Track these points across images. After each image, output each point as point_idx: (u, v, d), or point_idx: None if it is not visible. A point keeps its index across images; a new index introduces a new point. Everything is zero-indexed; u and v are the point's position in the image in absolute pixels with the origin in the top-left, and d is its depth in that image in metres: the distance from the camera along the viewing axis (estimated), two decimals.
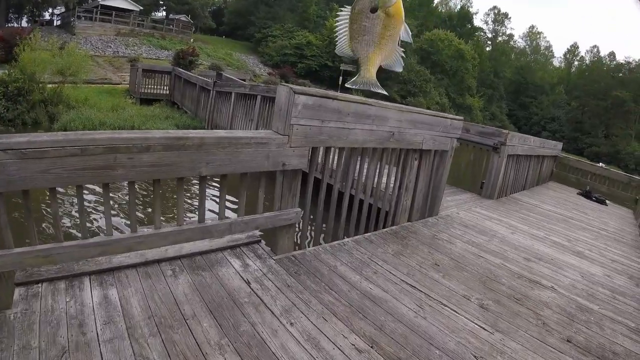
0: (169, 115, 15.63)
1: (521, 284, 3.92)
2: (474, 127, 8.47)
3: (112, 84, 23.79)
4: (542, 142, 11.04)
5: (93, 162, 2.35)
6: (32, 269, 2.55)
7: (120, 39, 37.74)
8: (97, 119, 13.44)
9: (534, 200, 8.98)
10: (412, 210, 5.05)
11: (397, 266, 3.72)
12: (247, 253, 3.40)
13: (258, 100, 9.45)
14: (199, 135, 2.81)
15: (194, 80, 15.47)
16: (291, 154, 3.25)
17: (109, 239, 2.62)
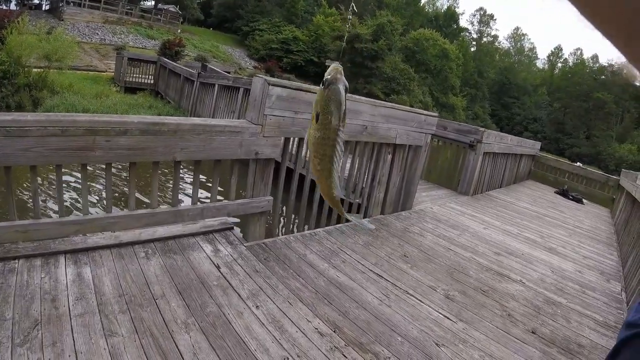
0: (152, 104, 15.55)
1: (489, 276, 4.05)
2: (451, 124, 8.62)
3: (97, 71, 23.55)
4: (519, 141, 11.23)
5: (73, 143, 2.46)
6: (10, 246, 2.62)
7: (107, 26, 37.31)
8: (80, 106, 13.33)
9: (510, 197, 9.17)
10: (384, 204, 5.16)
11: (365, 256, 3.83)
12: (219, 239, 3.48)
13: (241, 93, 9.50)
14: (174, 122, 2.91)
15: (179, 70, 15.42)
16: (264, 143, 3.34)
17: (84, 218, 2.75)
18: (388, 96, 43.79)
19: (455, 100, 57.35)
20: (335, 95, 0.67)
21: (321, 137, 0.67)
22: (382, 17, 45.00)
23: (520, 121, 69.90)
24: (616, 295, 4.41)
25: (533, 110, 70.18)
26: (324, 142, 0.68)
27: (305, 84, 3.77)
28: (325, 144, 0.69)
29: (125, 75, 18.50)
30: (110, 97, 15.75)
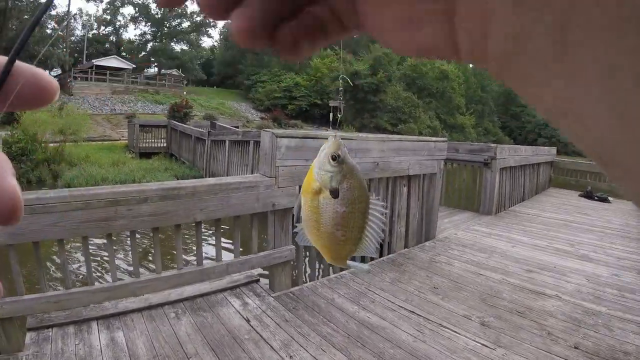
0: (167, 166, 15.90)
1: (523, 296, 3.94)
2: (462, 145, 8.58)
3: (111, 141, 24.29)
4: (534, 150, 11.08)
5: (96, 215, 2.59)
6: (43, 315, 2.73)
7: (116, 96, 38.73)
8: (99, 175, 13.73)
9: (534, 209, 8.99)
10: (407, 237, 5.13)
11: (395, 293, 3.79)
12: (246, 292, 3.50)
13: (251, 145, 9.66)
14: (191, 185, 3.03)
15: (189, 131, 15.80)
16: (280, 194, 3.40)
17: (114, 284, 2.83)
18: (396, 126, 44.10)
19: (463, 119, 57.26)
20: (356, 169, 0.67)
21: (348, 212, 0.67)
22: (377, 50, 45.81)
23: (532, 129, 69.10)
24: None
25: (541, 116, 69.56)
26: (351, 215, 0.68)
27: (312, 130, 3.86)
28: (353, 217, 0.68)
29: (139, 141, 19.04)
30: (126, 164, 16.18)
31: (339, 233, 0.67)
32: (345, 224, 0.66)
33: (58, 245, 2.66)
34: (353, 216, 0.66)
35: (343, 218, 0.66)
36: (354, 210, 0.65)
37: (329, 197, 0.64)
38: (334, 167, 0.63)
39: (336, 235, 0.67)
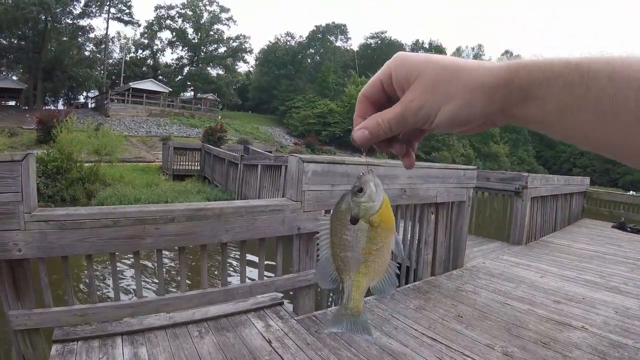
0: (200, 189, 16.19)
1: (549, 327, 3.85)
2: (494, 174, 8.49)
3: (145, 162, 25.03)
4: (566, 180, 10.85)
5: (124, 233, 2.71)
6: (69, 328, 2.82)
7: (152, 119, 40.02)
8: (132, 195, 14.13)
9: (566, 240, 8.75)
10: (434, 264, 5.09)
11: (418, 320, 3.76)
12: (270, 314, 3.54)
13: (283, 170, 9.74)
14: (218, 206, 3.12)
15: (223, 155, 16.09)
16: (305, 218, 3.46)
17: (138, 301, 2.95)
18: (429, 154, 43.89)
19: (497, 148, 56.63)
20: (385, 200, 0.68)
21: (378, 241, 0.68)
22: None
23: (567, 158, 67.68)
24: None
25: None
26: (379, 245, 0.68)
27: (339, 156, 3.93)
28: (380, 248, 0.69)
29: (173, 163, 19.49)
30: (159, 185, 16.59)
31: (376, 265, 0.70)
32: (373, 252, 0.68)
33: (86, 260, 2.77)
34: (380, 247, 0.68)
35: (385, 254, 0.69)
36: (380, 241, 0.67)
37: (365, 226, 0.67)
38: (360, 199, 0.65)
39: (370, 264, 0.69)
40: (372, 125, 0.56)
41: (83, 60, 46.13)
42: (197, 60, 60.19)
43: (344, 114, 50.53)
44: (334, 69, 61.05)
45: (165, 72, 60.20)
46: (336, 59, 66.88)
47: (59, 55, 42.72)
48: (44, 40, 41.45)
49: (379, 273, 0.69)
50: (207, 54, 60.85)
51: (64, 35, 44.43)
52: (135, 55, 60.83)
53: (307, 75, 63.27)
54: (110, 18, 52.01)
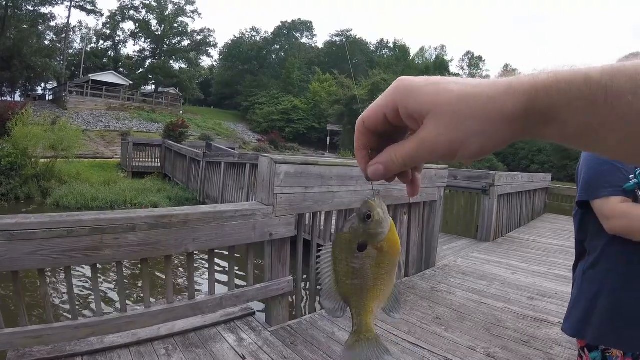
0: (160, 188, 15.68)
1: (527, 324, 3.86)
2: (461, 172, 8.57)
3: (104, 158, 24.17)
4: (530, 177, 11.15)
5: (80, 244, 2.41)
6: (25, 350, 2.54)
7: (111, 113, 38.78)
8: (89, 194, 13.48)
9: (531, 235, 8.93)
10: (407, 265, 5.01)
11: (397, 325, 3.64)
12: (242, 326, 3.34)
13: (247, 169, 9.50)
14: (183, 212, 2.86)
15: (184, 152, 15.64)
16: (277, 223, 3.26)
17: (99, 319, 2.63)
18: None
19: None
20: (390, 226, 0.65)
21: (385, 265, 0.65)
22: (375, 76, 46.13)
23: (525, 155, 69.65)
24: None
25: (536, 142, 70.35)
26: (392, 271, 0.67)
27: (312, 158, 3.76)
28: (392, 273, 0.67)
29: (132, 160, 18.84)
30: (118, 183, 15.97)
31: (382, 287, 0.68)
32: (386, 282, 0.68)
33: (39, 275, 2.47)
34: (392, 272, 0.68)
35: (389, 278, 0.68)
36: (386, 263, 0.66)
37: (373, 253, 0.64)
38: (368, 225, 0.62)
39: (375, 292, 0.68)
40: (387, 160, 0.51)
41: (42, 50, 43.99)
42: (159, 53, 58.61)
43: (308, 110, 50.53)
44: (298, 66, 60.92)
45: (126, 64, 58.37)
46: (301, 55, 66.71)
47: (18, 44, 40.41)
48: (4, 28, 39.34)
49: (387, 295, 0.68)
50: (170, 46, 59.34)
51: (24, 23, 42.35)
52: (96, 46, 59.00)
53: (271, 71, 62.73)
54: (73, 6, 50.22)
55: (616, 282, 1.57)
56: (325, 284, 0.67)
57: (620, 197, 1.55)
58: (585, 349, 1.70)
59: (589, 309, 1.64)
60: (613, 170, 1.60)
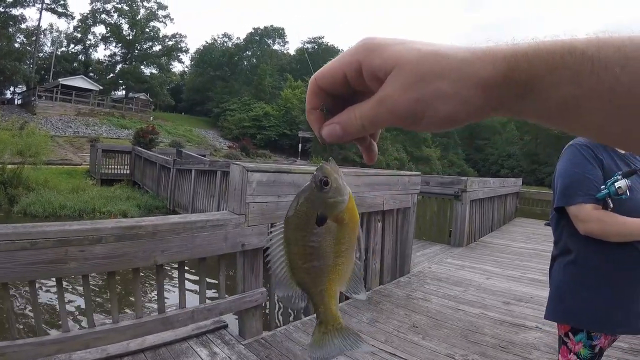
0: (130, 195, 15.39)
1: (505, 330, 3.86)
2: (433, 178, 8.66)
3: (72, 165, 23.56)
4: (501, 182, 11.30)
5: (44, 256, 2.28)
6: None
7: (80, 118, 37.89)
8: (57, 202, 13.19)
9: (504, 240, 9.04)
10: (382, 273, 4.98)
11: (373, 335, 3.60)
12: (214, 340, 3.23)
13: (218, 176, 9.35)
14: (151, 223, 2.75)
15: (154, 159, 15.34)
16: (249, 232, 3.18)
17: (65, 335, 2.50)
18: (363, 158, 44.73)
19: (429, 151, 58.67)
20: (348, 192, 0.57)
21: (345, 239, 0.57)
22: None
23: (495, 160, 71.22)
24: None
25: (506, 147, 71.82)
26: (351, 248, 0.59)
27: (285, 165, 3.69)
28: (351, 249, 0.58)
29: (101, 167, 18.44)
30: (87, 191, 15.62)
31: (341, 267, 0.60)
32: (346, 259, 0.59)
33: (1, 289, 2.32)
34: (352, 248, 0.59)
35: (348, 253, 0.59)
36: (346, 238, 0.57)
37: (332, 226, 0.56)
38: (327, 194, 0.54)
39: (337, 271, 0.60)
40: (344, 120, 0.46)
41: (12, 52, 42.67)
42: (130, 57, 57.51)
43: (280, 117, 50.43)
44: (270, 72, 60.73)
45: (96, 69, 57.04)
46: (273, 62, 66.55)
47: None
48: None
49: (348, 275, 0.60)
50: (141, 51, 58.30)
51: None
52: (66, 50, 57.39)
53: (243, 78, 62.25)
54: (44, 8, 48.87)
55: (595, 276, 1.82)
56: (279, 272, 0.58)
57: (592, 204, 1.77)
58: (570, 333, 1.92)
59: (573, 298, 1.88)
60: (585, 180, 1.82)
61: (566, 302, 1.92)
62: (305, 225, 0.55)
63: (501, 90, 0.39)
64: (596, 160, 1.86)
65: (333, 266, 0.57)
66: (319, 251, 0.55)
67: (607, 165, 1.84)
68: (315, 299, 0.59)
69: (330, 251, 0.56)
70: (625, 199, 1.73)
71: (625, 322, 1.79)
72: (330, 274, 0.57)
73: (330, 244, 0.56)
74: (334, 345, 0.59)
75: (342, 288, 0.60)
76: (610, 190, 1.74)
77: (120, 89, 58.00)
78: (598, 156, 1.86)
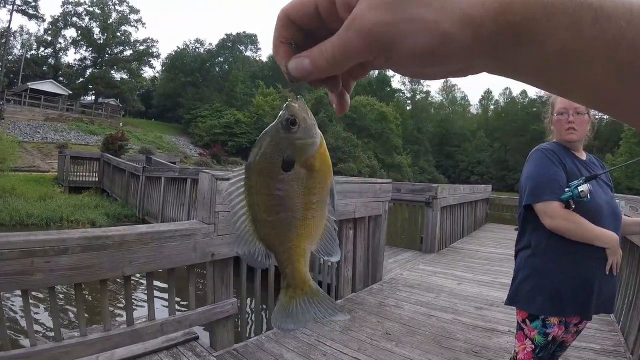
0: (98, 203, 15.07)
1: (477, 335, 3.90)
2: (404, 185, 8.77)
3: (40, 172, 22.99)
4: (471, 188, 11.49)
5: (8, 267, 2.21)
6: None
7: (49, 123, 37.08)
8: (24, 210, 12.88)
9: (474, 245, 9.18)
10: (354, 280, 4.98)
11: (346, 343, 3.59)
12: (185, 352, 3.16)
13: (188, 184, 9.21)
14: (119, 233, 2.69)
15: (123, 166, 15.05)
16: (219, 242, 3.13)
17: (32, 350, 2.41)
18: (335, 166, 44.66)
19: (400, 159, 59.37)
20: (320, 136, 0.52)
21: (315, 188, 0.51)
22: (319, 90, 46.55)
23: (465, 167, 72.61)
24: (605, 318, 4.35)
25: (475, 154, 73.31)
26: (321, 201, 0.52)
27: None
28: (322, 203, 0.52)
29: (69, 174, 18.03)
30: (54, 198, 15.28)
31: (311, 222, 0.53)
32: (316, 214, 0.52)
33: None
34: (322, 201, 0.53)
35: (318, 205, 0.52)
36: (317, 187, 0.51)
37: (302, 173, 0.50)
38: (295, 134, 0.49)
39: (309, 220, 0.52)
40: (316, 53, 0.41)
41: None
42: (101, 62, 56.64)
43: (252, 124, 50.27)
44: (242, 79, 60.54)
45: (66, 73, 55.86)
46: (245, 68, 66.38)
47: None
48: None
49: (319, 232, 0.53)
50: (111, 56, 57.55)
51: None
52: (36, 53, 56.25)
53: (214, 84, 61.83)
54: (15, 10, 47.89)
55: (551, 266, 1.99)
56: (240, 226, 0.51)
57: (558, 203, 1.92)
58: (527, 320, 2.09)
59: (532, 287, 2.04)
60: (553, 181, 1.97)
61: (523, 289, 2.08)
62: (269, 170, 0.49)
63: (492, 34, 0.34)
64: (561, 164, 2.00)
65: (302, 220, 0.51)
66: (286, 201, 0.50)
67: (569, 169, 2.00)
68: (281, 258, 0.53)
69: (299, 202, 0.50)
70: (585, 202, 1.87)
71: (577, 307, 1.95)
72: (299, 228, 0.52)
73: (299, 194, 0.50)
74: (304, 313, 0.53)
75: (312, 247, 0.54)
76: (574, 192, 1.87)
77: (90, 93, 57.04)
78: (562, 160, 2.02)
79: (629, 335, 3.67)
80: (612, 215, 1.99)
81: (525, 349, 2.09)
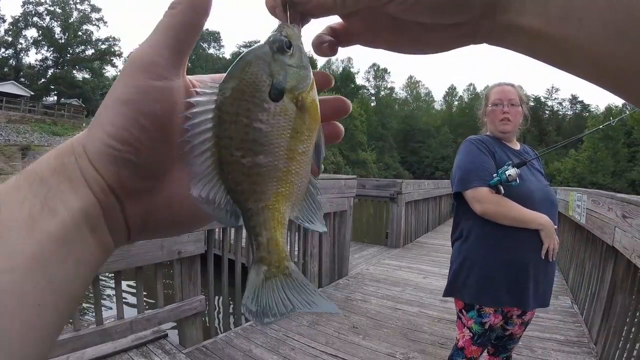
0: None
1: (443, 327, 4.02)
2: (369, 181, 8.83)
3: (4, 174, 22.15)
4: (436, 184, 11.64)
5: None
6: None
7: (11, 125, 36.09)
8: None
9: (439, 240, 9.27)
10: (320, 276, 5.07)
11: (314, 337, 3.66)
12: (155, 350, 3.17)
13: None
14: None
15: None
16: (186, 240, 3.16)
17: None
18: None
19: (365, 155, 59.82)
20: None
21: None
22: None
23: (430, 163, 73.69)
24: (568, 309, 4.53)
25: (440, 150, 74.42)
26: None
27: None
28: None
29: None
30: None
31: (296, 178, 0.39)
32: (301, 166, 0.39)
33: None
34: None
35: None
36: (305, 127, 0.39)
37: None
38: (289, 60, 0.38)
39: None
40: None
41: None
42: (62, 62, 55.08)
43: None
44: None
45: (28, 74, 54.04)
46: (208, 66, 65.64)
47: None
48: None
49: (301, 195, 0.40)
50: (73, 55, 56.05)
51: None
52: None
53: None
54: None
55: (484, 253, 2.04)
56: (201, 162, 0.35)
57: (487, 188, 1.98)
58: (463, 310, 2.17)
59: (466, 275, 2.10)
60: (480, 168, 2.04)
61: (459, 280, 2.14)
62: (253, 93, 0.36)
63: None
64: (490, 153, 2.08)
65: (284, 172, 0.38)
66: (267, 140, 0.37)
67: (499, 157, 2.07)
68: (254, 221, 0.37)
69: (283, 146, 0.37)
70: (515, 186, 1.92)
71: (513, 296, 1.99)
72: (280, 184, 0.38)
73: (285, 135, 0.38)
74: (284, 300, 0.37)
75: (292, 212, 0.40)
76: (502, 177, 1.93)
77: (52, 94, 55.31)
78: (490, 149, 2.09)
79: (593, 326, 3.78)
80: (546, 202, 2.02)
81: (464, 336, 2.17)
